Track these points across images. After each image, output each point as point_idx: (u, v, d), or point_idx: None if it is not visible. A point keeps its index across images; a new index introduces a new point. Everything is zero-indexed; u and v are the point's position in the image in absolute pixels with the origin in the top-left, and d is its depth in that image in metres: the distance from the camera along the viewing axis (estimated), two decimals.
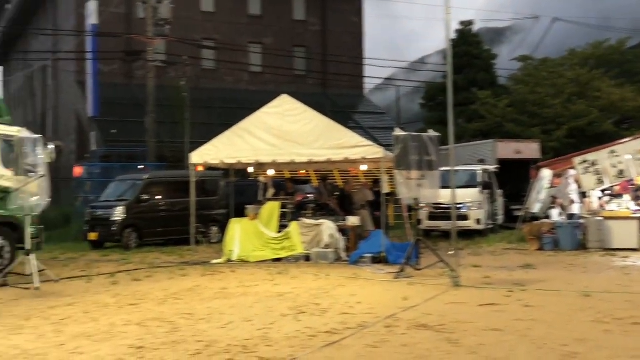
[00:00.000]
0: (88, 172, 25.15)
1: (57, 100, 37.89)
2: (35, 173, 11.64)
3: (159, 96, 26.21)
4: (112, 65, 32.16)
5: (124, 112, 29.58)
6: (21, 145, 11.72)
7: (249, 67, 36.83)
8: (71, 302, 9.52)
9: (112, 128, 28.83)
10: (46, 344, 6.91)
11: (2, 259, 12.56)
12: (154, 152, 25.78)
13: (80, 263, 14.96)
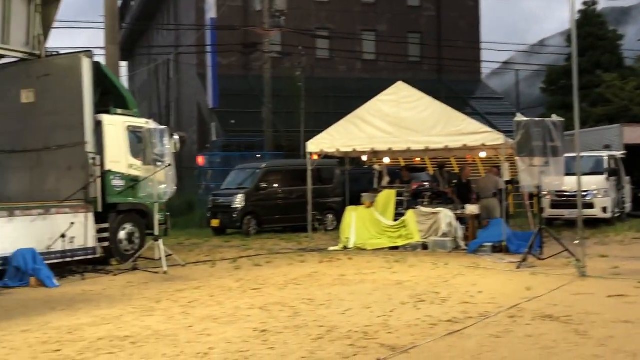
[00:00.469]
0: (209, 161, 26.03)
1: (179, 93, 39.43)
2: (162, 162, 12.20)
3: (275, 87, 26.73)
4: (231, 57, 33.07)
5: (242, 103, 30.38)
6: (149, 136, 12.30)
7: (363, 55, 36.84)
8: (197, 286, 9.91)
9: (231, 119, 29.71)
10: (176, 325, 7.22)
11: (132, 244, 13.24)
12: (271, 141, 26.34)
13: (204, 248, 15.55)
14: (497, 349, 5.97)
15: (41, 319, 7.70)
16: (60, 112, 12.75)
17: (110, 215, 12.88)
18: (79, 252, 11.73)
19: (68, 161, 12.61)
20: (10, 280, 10.42)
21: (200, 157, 26.16)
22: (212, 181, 24.50)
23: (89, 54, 12.88)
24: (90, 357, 5.92)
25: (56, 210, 11.72)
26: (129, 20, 47.03)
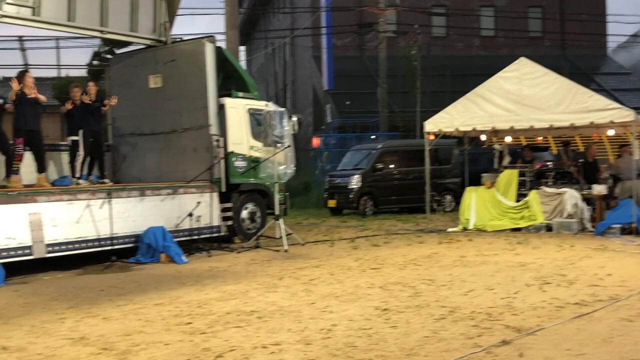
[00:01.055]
0: (324, 142, 26.31)
1: (295, 75, 39.98)
2: (282, 144, 12.45)
3: (390, 66, 26.57)
4: (345, 38, 33.15)
5: (356, 84, 30.43)
6: (269, 118, 12.57)
7: (481, 31, 35.88)
8: (317, 264, 10.08)
9: (346, 100, 29.83)
10: (298, 301, 7.38)
11: (254, 223, 13.62)
12: (386, 122, 26.25)
13: (321, 228, 15.76)
14: (629, 333, 5.71)
15: (172, 293, 8.08)
16: (185, 96, 13.25)
17: (233, 195, 13.30)
18: (204, 230, 12.21)
19: (193, 143, 13.11)
20: (142, 257, 11.00)
21: (316, 139, 26.48)
22: (327, 162, 24.76)
23: (211, 39, 13.28)
24: (220, 330, 6.15)
25: (183, 190, 12.25)
26: (246, 5, 48.06)
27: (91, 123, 12.22)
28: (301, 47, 36.12)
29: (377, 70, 26.93)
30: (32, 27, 12.41)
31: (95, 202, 10.80)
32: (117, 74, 14.71)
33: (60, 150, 12.80)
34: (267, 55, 45.39)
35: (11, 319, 6.89)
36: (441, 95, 25.06)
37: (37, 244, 9.86)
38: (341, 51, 32.34)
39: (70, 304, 7.56)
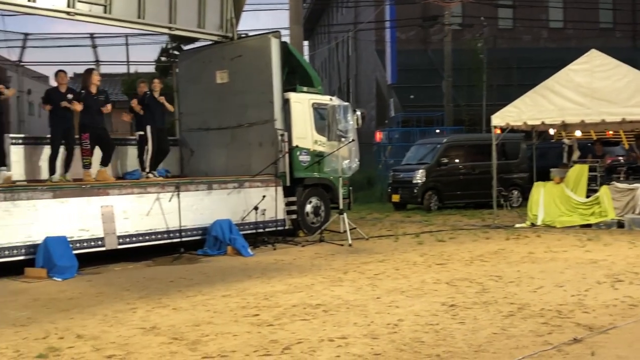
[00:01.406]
0: (388, 137, 26.18)
1: (358, 70, 39.88)
2: (346, 138, 12.45)
3: (455, 60, 26.22)
4: (409, 32, 32.86)
5: (420, 78, 30.14)
6: (333, 113, 12.58)
7: (549, 23, 34.99)
8: (382, 259, 10.05)
9: (409, 94, 29.60)
10: (364, 296, 7.37)
11: (318, 217, 13.68)
12: (451, 116, 25.94)
13: (385, 223, 15.71)
14: None
15: (239, 285, 8.20)
16: (251, 91, 13.39)
17: (297, 189, 13.38)
18: (269, 224, 12.33)
19: (259, 138, 13.25)
20: (209, 249, 11.19)
21: (379, 133, 26.38)
22: (390, 157, 24.64)
23: (277, 35, 13.38)
24: (286, 322, 6.21)
25: (249, 184, 12.41)
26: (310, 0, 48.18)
27: (157, 118, 12.51)
28: (364, 41, 36.00)
29: (441, 63, 26.63)
30: (103, 24, 12.77)
31: (164, 195, 11.05)
32: (185, 70, 14.98)
33: (130, 145, 13.15)
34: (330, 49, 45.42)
35: (85, 308, 7.12)
36: (507, 89, 24.60)
37: (109, 235, 10.17)
38: (405, 45, 32.08)
39: (141, 294, 7.76)
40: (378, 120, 32.75)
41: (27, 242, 9.27)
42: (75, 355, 5.26)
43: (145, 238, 10.74)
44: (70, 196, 9.95)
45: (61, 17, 11.81)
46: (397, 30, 31.32)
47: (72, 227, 9.77)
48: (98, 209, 10.17)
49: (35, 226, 9.39)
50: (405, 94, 29.86)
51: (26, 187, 9.85)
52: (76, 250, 9.58)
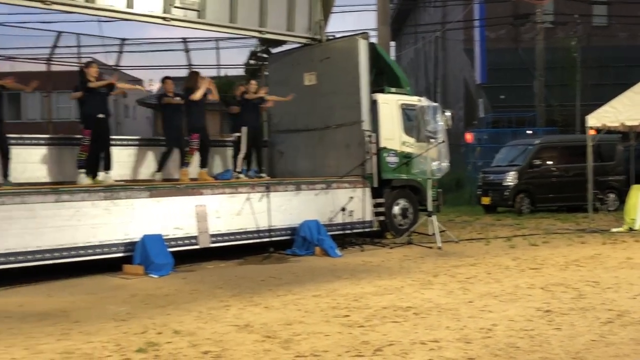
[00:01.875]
0: (477, 138, 25.71)
1: (446, 70, 39.38)
2: (435, 139, 12.31)
3: (548, 58, 25.49)
4: (499, 30, 32.15)
5: (511, 77, 29.43)
6: (422, 113, 12.48)
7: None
8: (473, 263, 9.88)
9: (499, 94, 28.97)
10: (455, 299, 7.27)
11: (406, 219, 13.58)
12: (544, 116, 25.23)
13: (475, 226, 15.44)
14: None
15: (329, 285, 8.24)
16: (338, 92, 13.44)
17: (385, 190, 13.33)
18: (357, 225, 12.34)
19: (346, 139, 13.27)
20: (297, 249, 11.31)
21: (468, 134, 25.93)
22: (480, 158, 24.20)
23: (365, 36, 13.39)
24: (377, 324, 6.20)
25: (337, 185, 12.46)
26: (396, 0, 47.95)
27: (252, 119, 12.77)
28: (452, 41, 35.50)
29: (533, 62, 25.93)
30: (197, 29, 13.14)
31: (254, 196, 11.25)
32: (274, 73, 15.19)
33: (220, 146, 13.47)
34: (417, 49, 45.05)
35: (181, 304, 7.33)
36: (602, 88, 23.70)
37: (202, 234, 10.44)
38: (494, 44, 31.40)
39: (234, 292, 7.92)
40: (467, 121, 32.21)
41: (125, 239, 9.64)
42: (173, 351, 5.42)
43: (236, 237, 10.96)
44: (165, 195, 10.29)
45: (157, 22, 12.20)
46: (487, 28, 30.71)
47: (167, 226, 10.10)
48: (192, 208, 10.47)
49: (133, 224, 9.76)
50: (495, 94, 29.26)
51: (125, 187, 10.23)
52: (171, 248, 9.89)
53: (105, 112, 10.73)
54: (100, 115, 10.59)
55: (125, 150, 12.13)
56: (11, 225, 8.70)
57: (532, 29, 27.00)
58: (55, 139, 11.75)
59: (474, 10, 30.48)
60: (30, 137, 11.38)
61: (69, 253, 9.14)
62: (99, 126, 10.55)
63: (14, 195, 8.88)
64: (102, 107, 10.68)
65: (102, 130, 10.61)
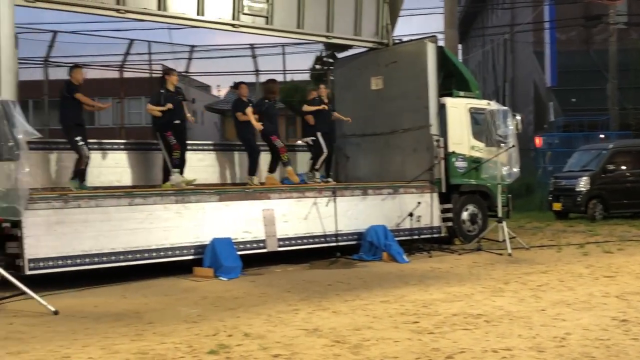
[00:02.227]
0: (547, 142, 25.13)
1: (514, 73, 38.66)
2: (505, 144, 12.08)
3: (621, 60, 24.72)
4: (570, 32, 31.37)
5: (582, 80, 28.67)
6: (492, 117, 12.25)
7: None
8: (545, 270, 9.65)
9: (570, 97, 28.25)
10: (527, 307, 7.11)
11: (475, 224, 13.38)
12: (617, 120, 24.48)
13: (546, 232, 15.08)
14: None
15: (397, 291, 8.19)
16: (405, 96, 13.36)
17: (453, 196, 13.18)
18: (424, 231, 12.22)
19: (413, 143, 13.18)
20: (365, 254, 11.28)
21: (538, 139, 25.37)
22: (550, 163, 23.64)
23: (433, 39, 13.29)
24: (447, 331, 6.12)
25: (404, 190, 12.38)
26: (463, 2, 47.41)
27: (325, 124, 12.86)
28: (521, 43, 34.84)
29: (605, 64, 25.20)
30: (265, 35, 13.31)
31: (321, 200, 11.28)
32: (340, 77, 15.22)
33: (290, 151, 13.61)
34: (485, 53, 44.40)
35: (250, 307, 7.41)
36: None
37: (270, 238, 10.54)
38: (565, 46, 30.64)
39: (302, 296, 7.96)
40: (536, 125, 31.53)
41: (196, 242, 9.82)
42: (244, 353, 5.48)
43: (304, 241, 11.02)
44: (235, 199, 10.44)
45: (226, 29, 12.43)
46: (557, 30, 30.02)
47: (236, 229, 10.24)
48: (260, 212, 10.58)
49: (203, 228, 9.93)
50: (565, 97, 28.54)
51: (195, 191, 10.43)
52: (240, 252, 10.01)
53: (180, 117, 10.99)
54: (177, 121, 10.85)
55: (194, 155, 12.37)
56: (87, 228, 8.99)
57: (605, 30, 26.26)
58: (129, 144, 12.10)
59: (543, 11, 29.85)
60: (106, 142, 11.75)
61: (142, 255, 9.38)
62: (176, 131, 10.82)
63: (90, 198, 9.17)
64: (178, 113, 10.94)
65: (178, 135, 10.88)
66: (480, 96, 14.34)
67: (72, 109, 10.34)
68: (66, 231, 8.79)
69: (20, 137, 7.57)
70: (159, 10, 11.29)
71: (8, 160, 7.52)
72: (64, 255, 8.72)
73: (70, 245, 8.79)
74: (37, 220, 8.58)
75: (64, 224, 8.81)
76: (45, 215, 8.67)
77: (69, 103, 10.31)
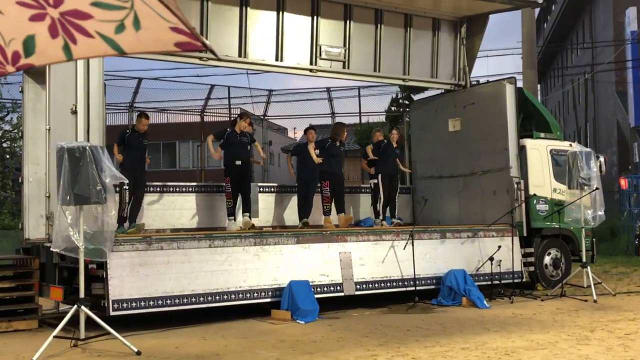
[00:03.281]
0: (632, 184, 24.23)
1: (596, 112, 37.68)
2: (588, 186, 11.72)
3: None
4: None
5: None
6: (574, 159, 11.93)
7: None
8: (633, 318, 9.23)
9: None
10: (615, 357, 6.82)
11: (557, 269, 12.96)
12: None
13: (633, 278, 14.43)
14: None
15: (477, 338, 7.98)
16: (484, 138, 13.19)
17: (535, 239, 12.84)
18: (505, 275, 11.91)
19: (493, 185, 12.96)
20: (443, 299, 11.07)
21: (623, 180, 24.51)
22: (636, 205, 22.76)
23: (512, 80, 13.12)
24: None
25: (483, 233, 12.14)
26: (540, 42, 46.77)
27: (388, 167, 12.85)
28: (602, 83, 34.00)
29: None
30: (342, 79, 13.48)
31: (398, 243, 11.18)
32: (416, 118, 15.21)
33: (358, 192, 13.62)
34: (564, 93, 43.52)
35: (328, 351, 7.36)
36: None
37: (347, 281, 10.49)
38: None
39: (380, 342, 7.86)
40: (620, 166, 30.52)
41: (273, 285, 9.88)
42: None
43: (381, 285, 10.92)
44: (312, 242, 10.48)
45: (304, 74, 12.66)
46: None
47: (313, 272, 10.25)
48: (337, 255, 10.58)
49: (281, 270, 9.99)
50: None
51: (273, 233, 10.54)
52: (317, 295, 10.00)
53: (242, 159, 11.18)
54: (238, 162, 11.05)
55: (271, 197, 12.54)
56: (169, 269, 9.18)
57: None
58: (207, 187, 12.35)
59: (626, 50, 29.12)
60: (184, 184, 12.05)
61: (221, 297, 9.49)
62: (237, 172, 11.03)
63: (172, 240, 9.38)
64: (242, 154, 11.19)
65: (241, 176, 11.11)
66: (562, 137, 14.03)
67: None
68: (149, 273, 9.01)
69: (108, 180, 7.87)
70: (240, 57, 11.61)
71: (96, 203, 7.82)
72: (147, 297, 8.92)
73: (152, 287, 8.99)
74: (122, 261, 8.83)
75: (147, 265, 9.03)
76: (129, 257, 8.92)
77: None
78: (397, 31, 13.22)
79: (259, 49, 11.78)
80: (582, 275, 11.82)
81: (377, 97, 24.77)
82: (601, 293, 11.38)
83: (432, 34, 13.68)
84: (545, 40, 45.83)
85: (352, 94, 24.99)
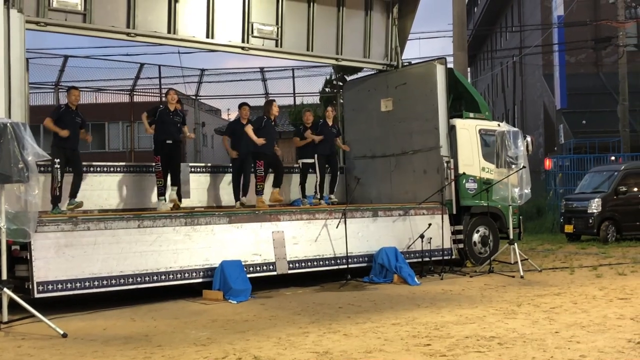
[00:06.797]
0: (557, 164, 25.03)
1: (524, 94, 38.65)
2: (516, 165, 12.00)
3: (631, 82, 24.67)
4: (579, 55, 31.37)
5: (592, 102, 28.61)
6: (502, 139, 12.19)
7: None
8: (558, 292, 9.53)
9: (580, 119, 28.16)
10: (541, 330, 7.01)
11: (486, 246, 13.28)
12: (628, 142, 24.35)
13: (558, 254, 14.92)
14: None
15: (408, 314, 8.09)
16: (415, 118, 13.35)
17: (464, 217, 13.10)
18: (435, 253, 12.12)
19: (424, 165, 13.14)
20: (375, 276, 11.19)
21: (548, 160, 25.28)
22: (561, 185, 23.52)
23: (442, 61, 13.27)
24: (460, 354, 6.03)
25: (414, 211, 12.31)
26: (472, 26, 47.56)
27: (325, 147, 12.84)
28: (530, 66, 34.86)
29: (616, 86, 25.16)
30: (275, 57, 13.34)
31: (331, 222, 11.22)
32: (349, 99, 15.23)
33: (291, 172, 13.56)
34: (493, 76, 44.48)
35: (260, 330, 7.33)
36: None
37: (280, 260, 10.47)
38: (574, 68, 30.63)
39: (312, 319, 7.88)
40: (546, 147, 31.44)
41: (205, 265, 9.76)
42: None
43: (314, 264, 10.94)
44: (244, 221, 10.39)
45: (236, 52, 12.51)
46: (567, 53, 30.03)
47: (246, 252, 10.18)
48: (270, 234, 10.53)
49: (212, 250, 9.88)
50: (576, 120, 28.45)
51: (204, 213, 10.40)
52: (249, 274, 9.94)
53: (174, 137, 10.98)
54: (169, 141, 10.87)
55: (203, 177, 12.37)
56: (96, 250, 8.95)
57: (614, 52, 26.25)
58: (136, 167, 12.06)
59: (553, 34, 29.90)
60: (113, 164, 11.74)
61: (151, 278, 9.32)
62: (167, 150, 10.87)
63: (99, 221, 9.14)
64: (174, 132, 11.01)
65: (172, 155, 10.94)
66: (491, 118, 14.29)
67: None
68: (75, 254, 8.76)
69: (30, 159, 7.58)
70: (169, 34, 11.37)
71: (18, 182, 7.53)
72: (73, 279, 8.68)
73: (79, 268, 8.75)
74: (47, 242, 8.55)
75: (73, 246, 8.77)
76: (54, 238, 8.65)
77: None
78: (330, 10, 13.20)
79: (189, 25, 11.57)
80: (510, 252, 12.12)
81: (311, 79, 24.75)
82: (528, 269, 11.71)
83: (364, 14, 13.72)
84: (476, 23, 46.61)
85: (286, 75, 24.84)
